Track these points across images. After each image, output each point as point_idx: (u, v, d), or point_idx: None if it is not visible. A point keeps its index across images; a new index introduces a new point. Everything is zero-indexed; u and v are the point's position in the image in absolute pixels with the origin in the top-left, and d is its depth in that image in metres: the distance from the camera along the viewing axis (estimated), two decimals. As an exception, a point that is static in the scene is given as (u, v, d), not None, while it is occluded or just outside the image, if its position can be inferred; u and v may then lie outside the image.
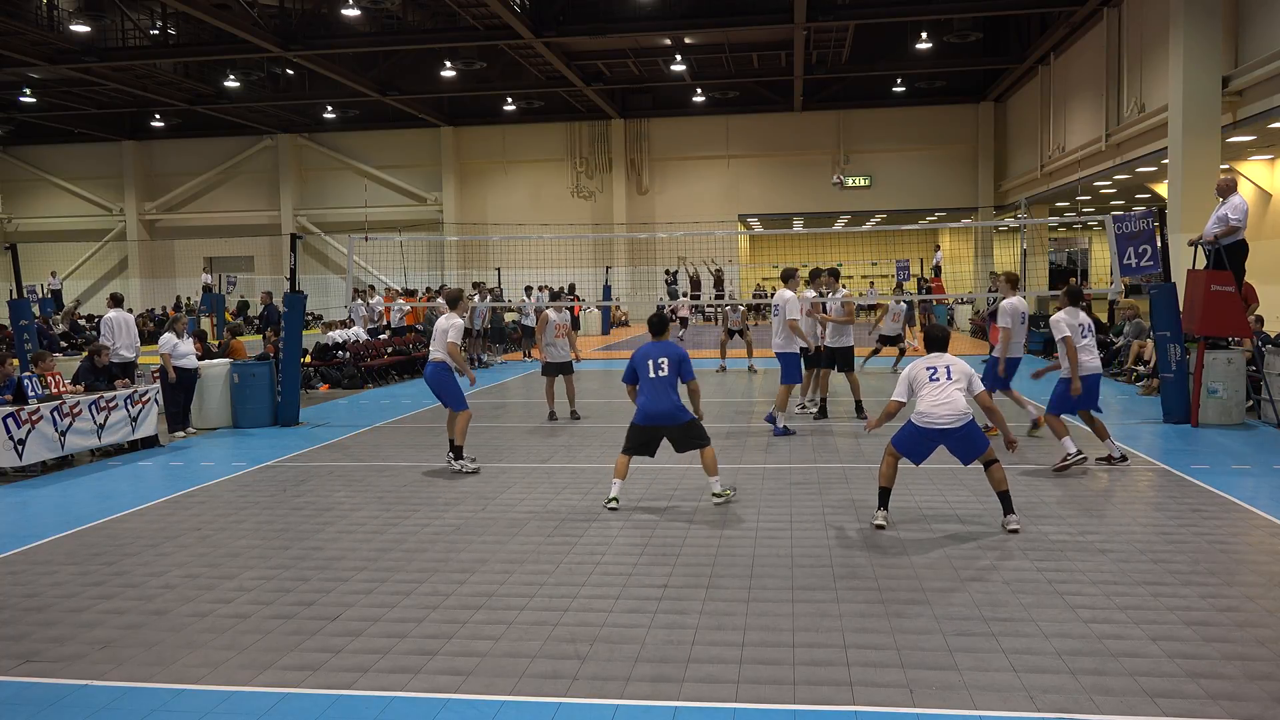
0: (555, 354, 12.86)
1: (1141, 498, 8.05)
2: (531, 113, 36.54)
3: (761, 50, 30.44)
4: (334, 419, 13.61)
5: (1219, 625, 5.10)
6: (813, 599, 5.60)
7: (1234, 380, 11.54)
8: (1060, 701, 4.24)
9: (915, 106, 35.18)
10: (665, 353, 7.88)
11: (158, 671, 4.77)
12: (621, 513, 7.75)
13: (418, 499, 8.41)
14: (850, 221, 39.46)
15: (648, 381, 7.84)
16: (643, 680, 4.54)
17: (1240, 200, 11.60)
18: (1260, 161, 20.12)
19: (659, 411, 7.79)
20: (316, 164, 39.51)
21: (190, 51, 28.05)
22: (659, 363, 7.83)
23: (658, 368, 7.82)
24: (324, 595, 5.84)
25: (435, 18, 27.22)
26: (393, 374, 18.89)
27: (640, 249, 36.19)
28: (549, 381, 13.03)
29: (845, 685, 4.44)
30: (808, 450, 10.41)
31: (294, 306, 13.41)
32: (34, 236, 39.67)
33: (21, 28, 24.26)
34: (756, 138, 36.53)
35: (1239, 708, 4.17)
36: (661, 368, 7.83)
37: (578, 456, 10.32)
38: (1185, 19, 16.67)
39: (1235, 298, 11.45)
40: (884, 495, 7.20)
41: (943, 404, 6.88)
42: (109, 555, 6.83)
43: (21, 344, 13.36)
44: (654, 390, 7.81)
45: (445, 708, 4.32)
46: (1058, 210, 33.42)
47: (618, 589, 5.84)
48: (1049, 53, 27.17)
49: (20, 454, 9.62)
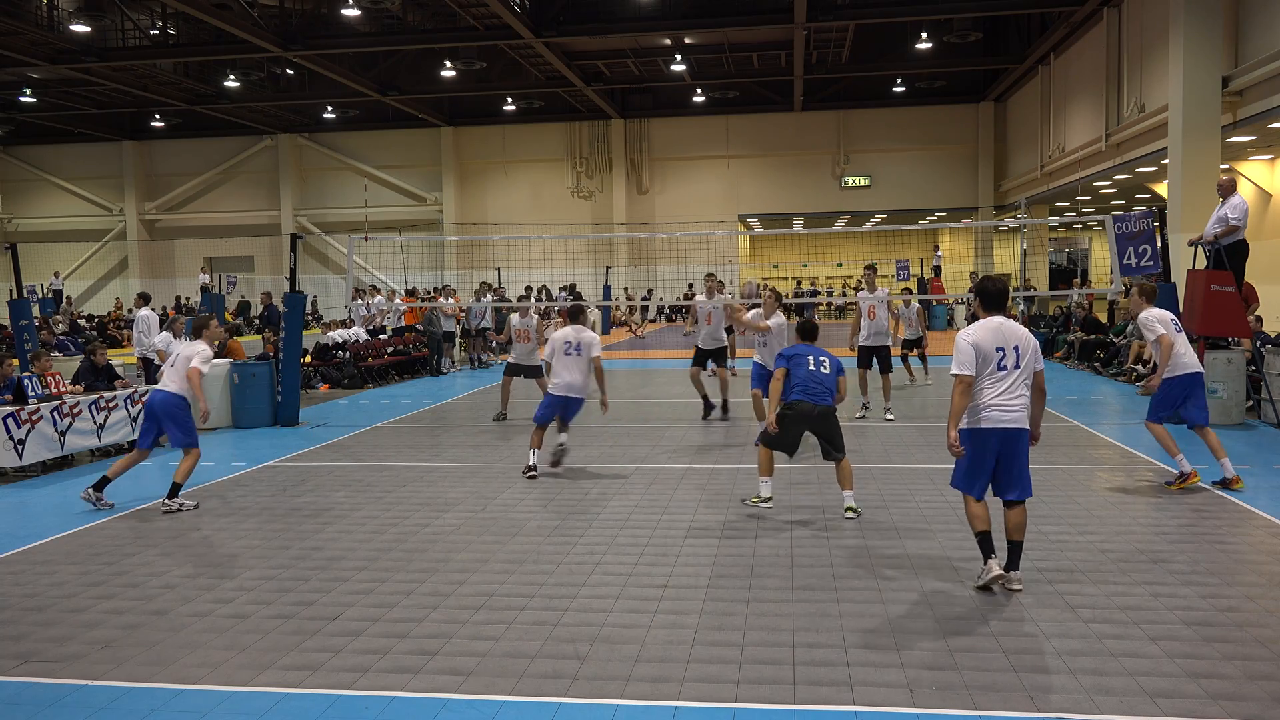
0: (515, 355, 13.07)
1: (1142, 498, 8.05)
2: (531, 113, 36.54)
3: (761, 50, 30.44)
4: (334, 419, 13.61)
5: (1219, 625, 5.10)
6: (813, 599, 5.60)
7: (1234, 380, 11.55)
8: (1060, 701, 4.23)
9: (915, 106, 35.18)
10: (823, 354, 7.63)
11: (158, 671, 4.76)
12: (621, 513, 7.75)
13: (418, 499, 8.41)
14: (850, 221, 39.47)
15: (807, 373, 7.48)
16: (643, 680, 4.54)
17: (1240, 200, 11.61)
18: (1260, 161, 20.13)
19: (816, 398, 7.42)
20: (316, 164, 39.50)
21: (190, 51, 28.05)
22: (820, 360, 7.55)
23: (819, 364, 7.53)
24: (324, 595, 5.83)
25: (435, 18, 27.22)
26: (393, 374, 18.90)
27: (640, 249, 36.20)
28: (506, 381, 13.20)
29: (845, 685, 4.44)
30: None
31: (294, 306, 13.42)
32: (34, 236, 39.66)
33: (21, 28, 24.25)
34: (756, 138, 36.54)
35: (1239, 708, 4.17)
36: (822, 365, 7.52)
37: (578, 456, 10.32)
38: (1185, 19, 16.67)
39: (1235, 298, 11.45)
40: (985, 542, 5.68)
41: (1017, 398, 5.62)
42: (109, 555, 6.82)
43: (21, 344, 13.37)
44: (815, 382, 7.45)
45: (445, 708, 4.32)
46: (1058, 210, 33.43)
47: (618, 589, 5.84)
48: (1049, 53, 27.17)
49: (20, 454, 9.61)
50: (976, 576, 5.72)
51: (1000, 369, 5.59)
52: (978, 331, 5.67)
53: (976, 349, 5.61)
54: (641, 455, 10.30)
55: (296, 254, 14.18)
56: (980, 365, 5.61)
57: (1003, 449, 5.59)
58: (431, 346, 20.04)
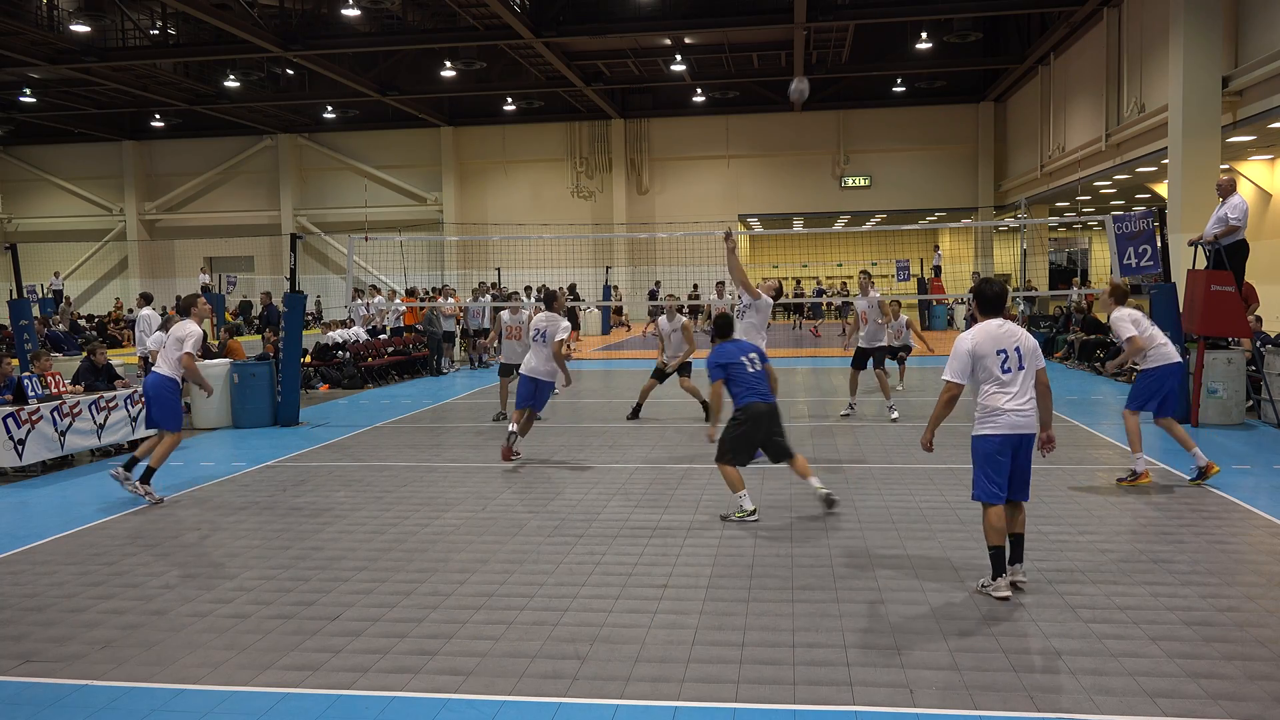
0: (508, 354, 13.07)
1: (1142, 498, 8.04)
2: (531, 113, 36.53)
3: (761, 50, 30.44)
4: (334, 419, 13.61)
5: (1219, 625, 5.10)
6: (813, 599, 5.60)
7: (1234, 380, 11.55)
8: (1060, 701, 4.23)
9: (915, 106, 35.18)
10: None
11: (158, 671, 4.77)
12: (621, 513, 7.75)
13: (418, 499, 8.41)
14: (850, 221, 39.47)
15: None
16: (643, 680, 4.54)
17: (1240, 200, 11.60)
18: (1260, 161, 20.13)
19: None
20: (316, 164, 39.50)
21: (190, 51, 28.04)
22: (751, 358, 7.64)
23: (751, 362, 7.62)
24: (324, 595, 5.84)
25: (435, 18, 27.23)
26: (393, 374, 18.90)
27: (640, 249, 36.20)
28: (503, 382, 13.16)
29: (845, 685, 4.44)
30: (808, 451, 10.41)
31: (294, 306, 13.42)
32: (34, 236, 39.66)
33: (21, 28, 24.25)
34: (756, 138, 36.53)
35: (1239, 708, 4.17)
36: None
37: (579, 457, 10.32)
38: (1185, 19, 16.67)
39: (1235, 298, 11.45)
40: (998, 558, 5.63)
41: (1028, 400, 5.60)
42: (109, 555, 6.83)
43: (21, 344, 13.37)
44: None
45: (445, 708, 4.32)
46: (1058, 210, 33.43)
47: (618, 589, 5.84)
48: (1049, 53, 27.17)
49: (20, 454, 9.62)
50: (979, 584, 5.70)
51: (1005, 371, 5.59)
52: (976, 335, 5.68)
53: (974, 355, 5.63)
54: (642, 455, 10.30)
55: (296, 254, 14.18)
56: (980, 371, 5.63)
57: (1018, 453, 5.63)
58: (431, 346, 20.05)
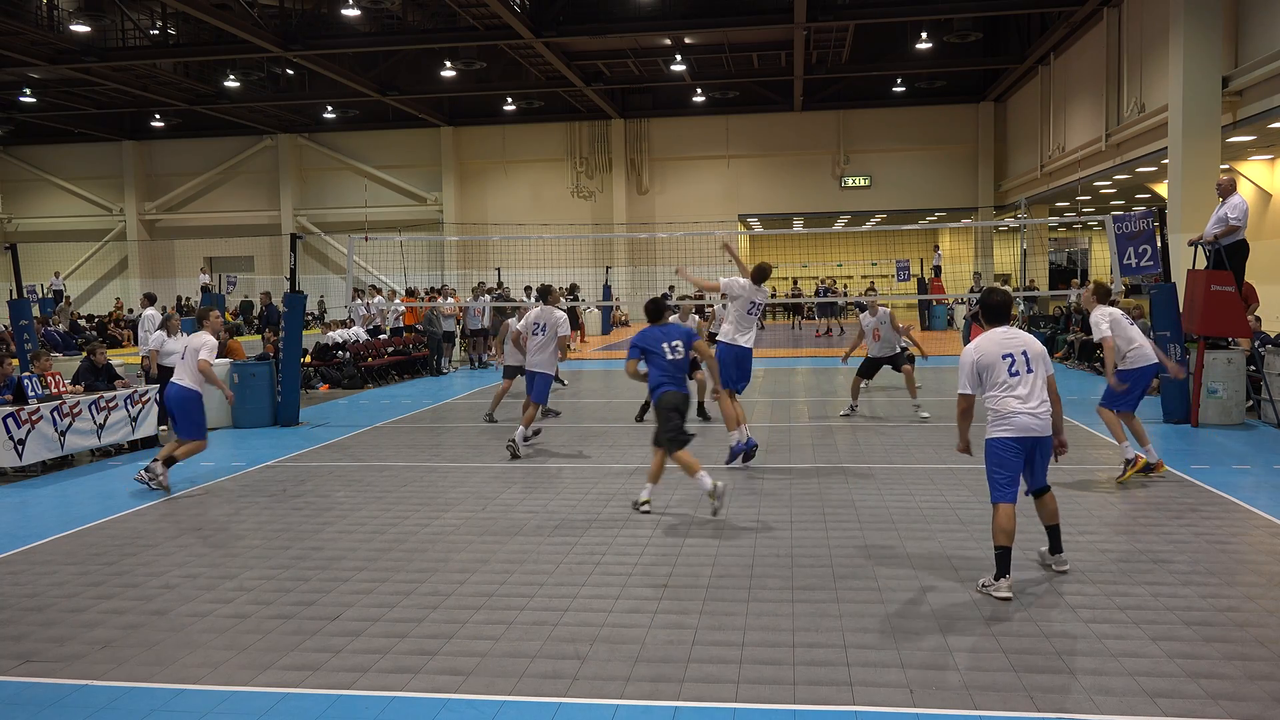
0: (513, 356, 13.01)
1: (1142, 497, 8.05)
2: (531, 113, 36.53)
3: (761, 50, 30.43)
4: (334, 419, 13.61)
5: (1219, 625, 5.10)
6: (813, 599, 5.60)
7: (1234, 380, 11.55)
8: (1060, 701, 4.23)
9: (915, 106, 35.16)
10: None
11: (158, 671, 4.77)
12: (621, 513, 7.75)
13: (418, 499, 8.41)
14: (850, 221, 39.46)
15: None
16: (643, 680, 4.54)
17: (1240, 200, 11.60)
18: (1260, 161, 20.13)
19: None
20: (316, 164, 39.49)
21: (190, 51, 28.03)
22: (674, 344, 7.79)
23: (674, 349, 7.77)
24: (324, 595, 5.84)
25: (435, 18, 27.21)
26: (393, 374, 18.90)
27: (640, 249, 36.19)
28: (506, 383, 13.13)
29: (845, 685, 4.44)
30: (808, 451, 10.41)
31: (294, 306, 13.41)
32: (34, 236, 39.65)
33: (21, 28, 24.24)
34: (756, 138, 36.52)
35: (1239, 708, 4.17)
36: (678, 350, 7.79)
37: (579, 456, 10.33)
38: (1185, 19, 16.67)
39: (1235, 298, 11.45)
40: (1004, 559, 5.60)
41: (1041, 404, 5.67)
42: (109, 555, 6.83)
43: (22, 344, 13.37)
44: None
45: (445, 708, 4.32)
46: (1058, 210, 33.42)
47: (618, 589, 5.84)
48: (1049, 53, 27.16)
49: (20, 454, 9.62)
50: (980, 584, 5.69)
51: (1013, 374, 5.67)
52: (980, 344, 5.81)
53: (979, 365, 5.73)
54: (642, 455, 10.29)
55: (296, 254, 14.18)
56: (988, 377, 5.72)
57: (1033, 454, 5.73)
58: (431, 346, 20.05)
